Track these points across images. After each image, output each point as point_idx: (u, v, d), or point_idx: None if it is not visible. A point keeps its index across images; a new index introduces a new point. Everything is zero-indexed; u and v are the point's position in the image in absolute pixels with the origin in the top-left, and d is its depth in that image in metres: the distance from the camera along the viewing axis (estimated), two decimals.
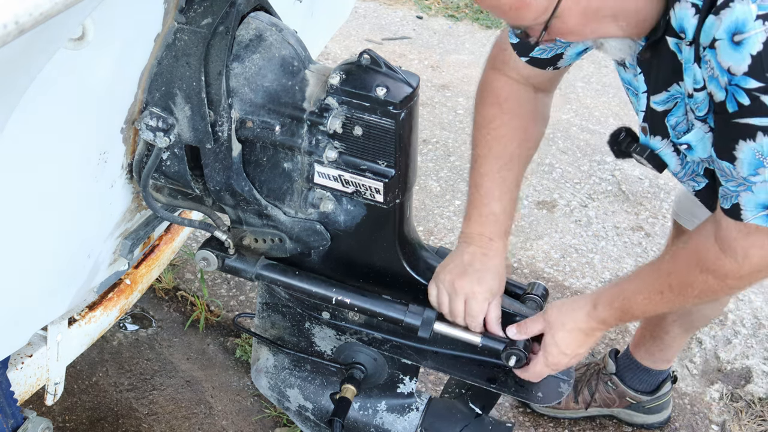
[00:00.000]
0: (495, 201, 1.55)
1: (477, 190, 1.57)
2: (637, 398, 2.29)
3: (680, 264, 1.36)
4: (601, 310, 1.45)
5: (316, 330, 1.69)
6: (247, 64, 1.34)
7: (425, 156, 3.56)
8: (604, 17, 1.18)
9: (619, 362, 2.30)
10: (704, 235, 1.31)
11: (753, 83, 1.08)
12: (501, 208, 1.55)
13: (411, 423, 1.71)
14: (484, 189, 1.56)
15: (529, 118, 1.58)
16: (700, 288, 1.33)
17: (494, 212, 1.55)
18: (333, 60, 4.30)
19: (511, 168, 1.56)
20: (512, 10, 1.16)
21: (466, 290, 1.48)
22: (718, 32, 1.09)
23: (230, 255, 1.53)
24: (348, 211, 1.44)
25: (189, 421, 2.31)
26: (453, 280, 1.49)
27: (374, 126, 1.33)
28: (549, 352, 1.48)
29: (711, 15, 1.10)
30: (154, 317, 2.67)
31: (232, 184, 1.40)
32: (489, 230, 1.55)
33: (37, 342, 1.61)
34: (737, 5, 1.07)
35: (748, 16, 1.05)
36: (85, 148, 1.29)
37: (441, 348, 1.60)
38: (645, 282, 1.41)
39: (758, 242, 1.22)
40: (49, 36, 0.94)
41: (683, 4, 1.15)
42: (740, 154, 1.16)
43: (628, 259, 3.03)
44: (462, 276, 1.49)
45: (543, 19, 1.16)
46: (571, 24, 1.18)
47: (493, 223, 1.55)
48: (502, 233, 1.56)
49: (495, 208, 1.55)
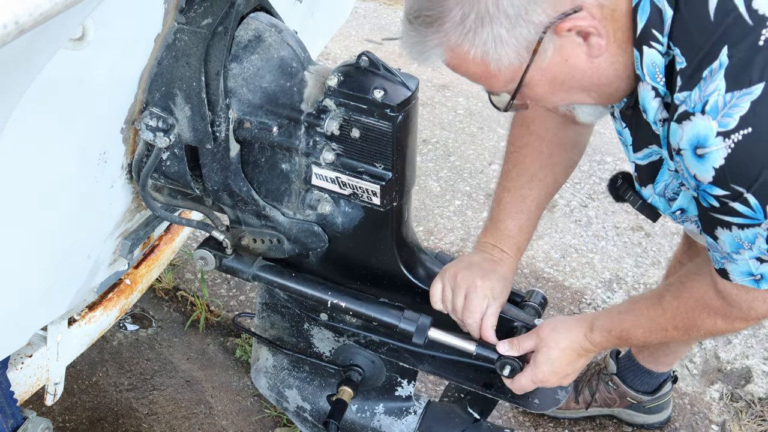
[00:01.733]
0: (511, 217, 1.57)
1: (497, 205, 1.59)
2: (637, 398, 2.30)
3: (686, 307, 1.37)
4: (597, 335, 1.46)
5: (314, 331, 1.69)
6: (246, 64, 1.34)
7: (425, 156, 3.56)
8: (571, 88, 1.20)
9: (620, 363, 2.30)
10: (706, 284, 1.32)
11: (719, 191, 1.11)
12: (517, 225, 1.57)
13: (409, 426, 1.71)
14: (503, 204, 1.58)
15: (556, 143, 1.59)
16: (706, 329, 1.35)
17: (509, 228, 1.57)
18: (333, 60, 4.30)
19: (533, 188, 1.57)
20: (482, 78, 1.20)
21: (468, 282, 1.48)
22: (681, 142, 1.11)
23: (228, 255, 1.53)
24: (345, 213, 1.44)
25: (189, 421, 2.31)
26: (456, 273, 1.49)
27: (371, 129, 1.32)
28: (539, 369, 1.48)
29: (674, 122, 1.11)
30: (154, 317, 2.67)
31: (230, 185, 1.40)
32: (503, 244, 1.56)
33: (37, 342, 1.61)
34: (698, 120, 1.07)
35: (709, 133, 1.07)
36: (85, 148, 1.29)
37: (438, 352, 1.60)
38: (646, 318, 1.42)
39: (759, 297, 1.25)
40: (49, 36, 0.94)
41: (644, 86, 1.16)
42: (721, 236, 1.18)
43: (628, 259, 3.03)
44: (467, 269, 1.50)
45: (511, 88, 1.19)
46: (539, 93, 1.21)
47: (507, 238, 1.57)
48: (515, 249, 1.57)
49: (510, 224, 1.57)
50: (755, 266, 1.19)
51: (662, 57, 1.11)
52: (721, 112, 1.05)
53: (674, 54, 1.10)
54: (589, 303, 2.82)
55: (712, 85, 1.05)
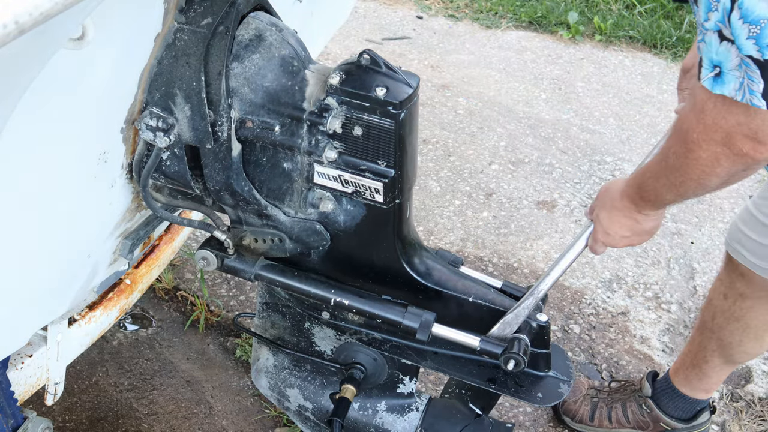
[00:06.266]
0: None
1: None
2: (671, 425, 2.24)
3: (671, 132, 1.35)
4: (629, 188, 1.47)
5: (316, 330, 1.69)
6: (247, 64, 1.34)
7: (425, 156, 3.56)
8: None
9: (656, 386, 2.26)
10: (689, 107, 1.29)
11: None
12: None
13: (411, 423, 1.71)
14: None
15: None
16: (673, 153, 1.31)
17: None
18: (333, 60, 4.30)
19: None
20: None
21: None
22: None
23: (229, 255, 1.53)
24: (348, 211, 1.44)
25: (189, 421, 2.31)
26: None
27: (374, 126, 1.33)
28: (596, 229, 1.53)
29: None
30: (154, 317, 2.67)
31: (231, 184, 1.40)
32: None
33: (37, 342, 1.61)
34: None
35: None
36: (85, 148, 1.29)
37: (441, 348, 1.60)
38: (655, 156, 1.41)
39: (711, 101, 1.19)
40: (49, 36, 0.94)
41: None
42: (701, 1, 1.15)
43: (628, 259, 3.03)
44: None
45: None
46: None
47: None
48: None
49: None
50: (716, 46, 1.14)
51: None
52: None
53: None
54: (589, 303, 2.82)
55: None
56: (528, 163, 3.56)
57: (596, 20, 4.81)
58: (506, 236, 3.12)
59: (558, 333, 2.69)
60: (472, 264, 2.94)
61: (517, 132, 3.79)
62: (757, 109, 1.11)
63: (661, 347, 2.66)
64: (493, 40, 4.75)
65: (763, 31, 1.06)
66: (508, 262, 2.98)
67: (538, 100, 4.11)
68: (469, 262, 2.96)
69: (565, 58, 4.57)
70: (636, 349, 2.65)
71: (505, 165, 3.55)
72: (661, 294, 2.88)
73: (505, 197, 3.34)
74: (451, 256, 1.66)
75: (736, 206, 3.38)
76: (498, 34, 4.82)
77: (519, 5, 5.04)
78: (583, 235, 1.58)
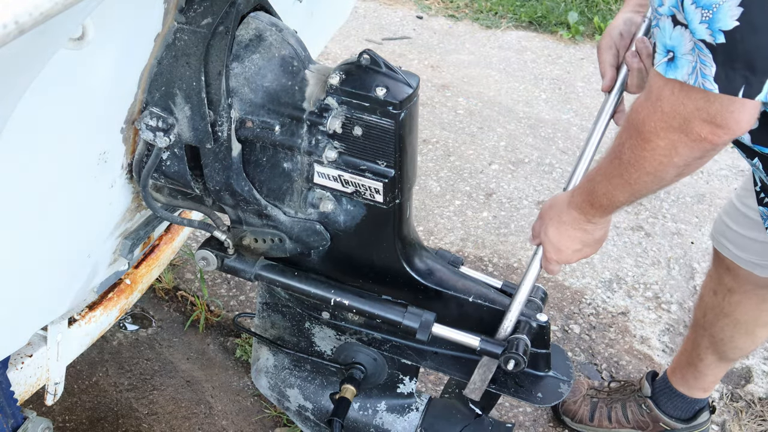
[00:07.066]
0: None
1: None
2: (671, 425, 2.24)
3: (622, 128, 1.33)
4: (577, 198, 1.45)
5: (316, 330, 1.69)
6: (247, 64, 1.34)
7: (425, 156, 3.56)
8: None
9: (655, 385, 2.26)
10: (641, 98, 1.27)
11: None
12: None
13: (411, 423, 1.71)
14: None
15: None
16: (628, 147, 1.29)
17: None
18: (333, 60, 4.30)
19: None
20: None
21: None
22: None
23: (229, 255, 1.53)
24: (348, 211, 1.44)
25: (189, 421, 2.31)
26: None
27: (374, 126, 1.33)
28: (546, 249, 1.50)
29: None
30: (154, 317, 2.67)
31: (231, 184, 1.40)
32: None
33: (37, 342, 1.61)
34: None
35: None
36: (85, 148, 1.29)
37: (441, 348, 1.60)
38: (602, 159, 1.39)
39: (668, 88, 1.18)
40: (49, 36, 0.94)
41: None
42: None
43: (628, 259, 3.03)
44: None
45: None
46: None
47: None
48: None
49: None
50: (669, 30, 1.14)
51: None
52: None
53: None
54: (589, 303, 2.82)
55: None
56: (528, 163, 3.56)
57: (596, 20, 4.81)
58: (506, 236, 3.12)
59: (558, 333, 2.69)
60: (472, 264, 2.94)
61: (517, 132, 3.79)
62: (716, 94, 1.12)
63: (661, 347, 2.66)
64: (493, 40, 4.75)
65: (716, 15, 1.07)
66: (508, 262, 2.98)
67: (538, 100, 4.11)
68: (469, 262, 2.96)
69: (565, 58, 4.57)
70: (636, 349, 2.65)
71: (505, 165, 3.55)
72: (661, 294, 2.88)
73: (505, 197, 3.34)
74: (451, 256, 1.66)
75: None
76: (498, 34, 4.82)
77: (519, 5, 5.04)
78: (534, 259, 1.54)
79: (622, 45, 1.62)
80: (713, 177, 3.59)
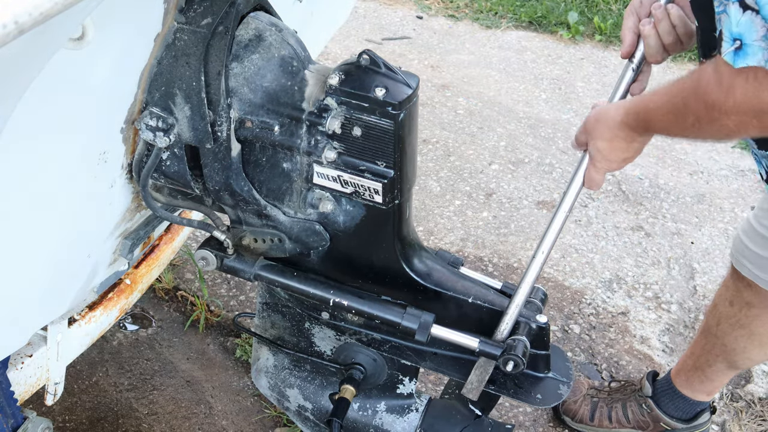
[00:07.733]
0: None
1: None
2: (671, 425, 2.24)
3: (687, 85, 1.30)
4: (631, 120, 1.44)
5: (315, 330, 1.69)
6: (247, 64, 1.34)
7: (425, 156, 3.56)
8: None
9: (656, 386, 2.26)
10: (711, 62, 1.24)
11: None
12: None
13: (410, 424, 1.71)
14: None
15: None
16: (693, 114, 1.28)
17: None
18: (333, 60, 4.30)
19: None
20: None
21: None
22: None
23: (229, 255, 1.53)
24: (347, 212, 1.44)
25: (189, 421, 2.31)
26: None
27: (373, 127, 1.33)
28: (595, 159, 1.50)
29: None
30: (154, 317, 2.67)
31: (231, 184, 1.40)
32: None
33: (37, 342, 1.61)
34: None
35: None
36: (85, 147, 1.29)
37: (440, 349, 1.60)
38: (663, 98, 1.38)
39: (742, 77, 1.15)
40: (49, 36, 0.94)
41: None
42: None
43: (628, 259, 3.03)
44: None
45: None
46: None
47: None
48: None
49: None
50: (737, 17, 1.11)
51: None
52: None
53: None
54: (589, 303, 2.82)
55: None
56: (528, 163, 3.56)
57: (596, 20, 4.81)
58: (506, 236, 3.12)
59: (558, 333, 2.69)
60: (472, 264, 2.94)
61: (517, 132, 3.79)
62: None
63: (661, 347, 2.66)
64: (493, 40, 4.75)
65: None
66: (508, 262, 2.98)
67: (538, 100, 4.11)
68: (469, 262, 2.96)
69: (565, 58, 4.57)
70: (636, 349, 2.65)
71: (505, 165, 3.55)
72: (661, 294, 2.88)
73: (505, 197, 3.34)
74: (451, 257, 1.66)
75: (736, 206, 3.38)
76: (498, 34, 4.82)
77: (519, 5, 5.04)
78: (579, 170, 1.54)
79: (643, 12, 1.61)
80: (713, 177, 3.59)
